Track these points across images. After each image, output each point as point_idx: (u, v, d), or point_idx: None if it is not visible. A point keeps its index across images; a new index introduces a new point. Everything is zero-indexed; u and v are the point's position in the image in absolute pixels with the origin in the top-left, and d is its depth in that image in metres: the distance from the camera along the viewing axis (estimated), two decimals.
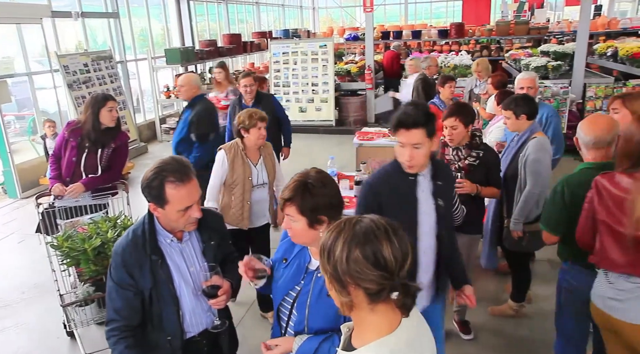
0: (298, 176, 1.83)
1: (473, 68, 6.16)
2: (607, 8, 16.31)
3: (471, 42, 13.14)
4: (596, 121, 2.36)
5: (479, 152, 3.12)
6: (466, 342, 3.48)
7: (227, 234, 2.22)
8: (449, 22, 13.69)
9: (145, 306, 1.95)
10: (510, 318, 3.68)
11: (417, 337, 1.31)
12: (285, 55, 10.28)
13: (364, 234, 1.20)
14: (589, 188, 2.25)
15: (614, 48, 9.73)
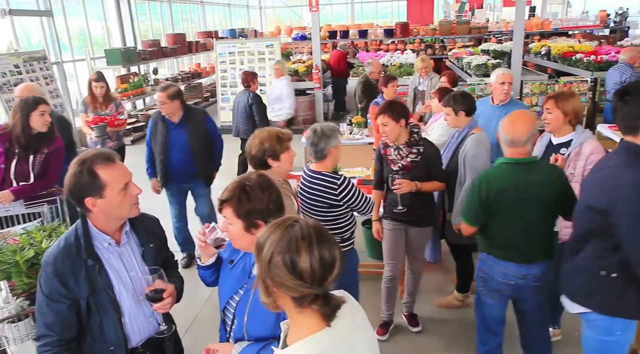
0: (238, 179, 1.81)
1: (416, 66, 6.30)
2: (540, 9, 17.15)
3: (416, 41, 13.45)
4: (515, 123, 2.47)
5: (419, 148, 3.18)
6: (415, 334, 3.56)
7: (165, 239, 2.15)
8: (394, 21, 13.94)
9: (82, 317, 1.85)
10: (456, 309, 3.79)
11: (349, 336, 1.31)
12: (232, 55, 10.13)
13: (287, 242, 1.21)
14: (504, 183, 2.42)
15: (548, 47, 10.25)
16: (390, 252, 3.39)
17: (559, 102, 2.89)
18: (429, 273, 4.29)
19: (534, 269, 2.54)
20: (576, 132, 2.95)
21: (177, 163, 4.23)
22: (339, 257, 1.24)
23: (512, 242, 2.53)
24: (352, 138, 5.71)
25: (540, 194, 2.45)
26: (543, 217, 2.51)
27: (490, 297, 2.67)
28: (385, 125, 3.10)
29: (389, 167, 3.23)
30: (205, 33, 14.31)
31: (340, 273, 1.24)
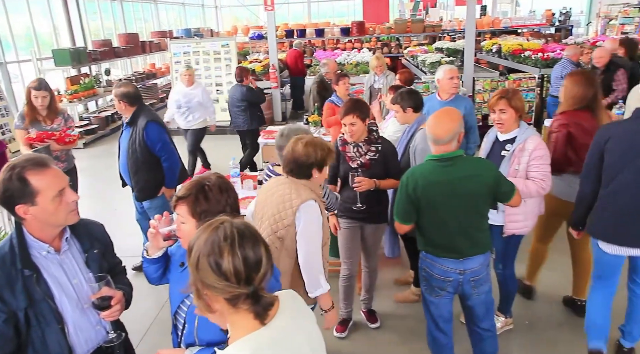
0: (198, 177, 1.79)
1: (371, 64, 6.37)
2: (491, 8, 17.67)
3: (372, 39, 13.59)
4: (439, 122, 2.50)
5: (378, 146, 3.23)
6: (373, 330, 3.59)
7: (110, 244, 2.08)
8: (350, 20, 14.02)
9: (21, 330, 1.77)
10: (414, 304, 3.84)
11: (289, 334, 1.32)
12: (187, 55, 9.94)
13: (211, 244, 1.23)
14: (429, 179, 2.46)
15: (498, 45, 10.58)
16: (347, 250, 3.41)
17: (511, 100, 2.97)
18: (386, 269, 4.35)
19: (471, 263, 2.57)
20: (520, 128, 3.04)
21: (121, 166, 4.12)
22: (265, 256, 1.25)
23: (445, 239, 2.55)
24: None
25: (466, 188, 2.47)
26: (472, 211, 2.54)
27: (434, 295, 2.69)
28: (353, 125, 3.12)
29: (346, 164, 3.24)
30: (160, 33, 13.99)
31: (268, 271, 1.26)
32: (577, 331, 3.40)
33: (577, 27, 14.70)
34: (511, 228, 3.09)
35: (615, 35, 11.86)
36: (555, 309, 3.72)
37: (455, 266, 2.56)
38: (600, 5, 15.38)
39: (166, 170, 4.05)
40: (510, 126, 3.02)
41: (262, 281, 1.25)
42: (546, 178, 2.93)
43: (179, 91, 6.44)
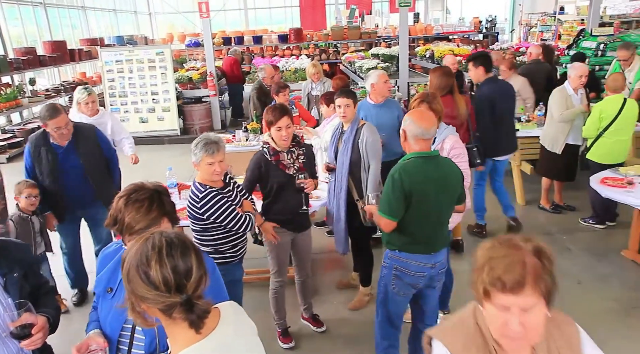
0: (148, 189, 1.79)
1: (308, 71, 6.43)
2: (424, 15, 18.35)
3: (311, 46, 13.71)
4: (425, 117, 2.61)
5: (303, 149, 3.31)
6: (318, 337, 3.60)
7: (35, 263, 1.97)
8: (288, 27, 14.08)
9: None
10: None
11: (231, 345, 1.32)
12: (119, 63, 9.60)
13: (139, 255, 1.23)
14: (425, 175, 2.54)
15: (431, 51, 11.00)
16: (281, 262, 3.40)
17: (431, 103, 3.10)
18: (325, 272, 4.39)
19: (440, 256, 2.71)
20: (439, 129, 3.20)
21: (73, 190, 3.79)
22: (196, 264, 1.26)
23: (426, 233, 2.65)
24: (249, 145, 5.66)
25: (451, 184, 2.63)
26: (450, 206, 2.70)
27: (402, 293, 2.75)
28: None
29: (279, 174, 3.21)
30: (90, 40, 13.41)
31: (201, 278, 1.26)
32: None
33: (502, 34, 15.56)
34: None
35: (535, 41, 12.66)
36: None
37: (428, 260, 2.67)
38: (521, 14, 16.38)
39: (117, 167, 4.09)
40: None
41: (195, 289, 1.24)
42: (465, 175, 3.10)
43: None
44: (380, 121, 4.08)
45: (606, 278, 4.20)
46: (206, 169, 2.75)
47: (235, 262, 3.00)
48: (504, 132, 4.70)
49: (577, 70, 4.98)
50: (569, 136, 5.04)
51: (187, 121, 9.97)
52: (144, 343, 1.73)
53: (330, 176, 3.80)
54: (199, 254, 1.29)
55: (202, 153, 2.71)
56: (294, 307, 3.74)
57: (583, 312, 3.69)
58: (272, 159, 3.19)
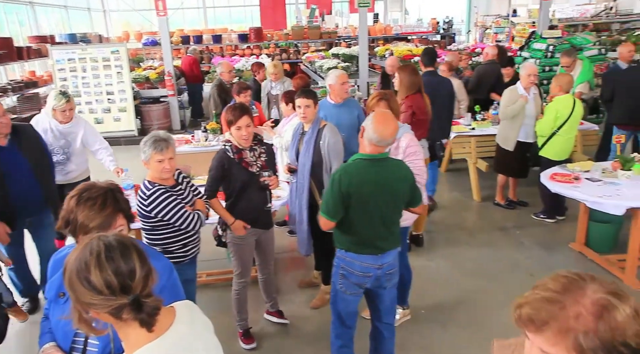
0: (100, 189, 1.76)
1: (267, 71, 6.40)
2: (383, 16, 18.60)
3: (271, 45, 13.65)
4: (387, 124, 2.56)
5: (264, 147, 3.31)
6: (280, 336, 3.60)
7: None
8: (248, 26, 13.96)
9: None
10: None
11: (187, 343, 1.32)
12: (72, 61, 9.28)
13: (79, 262, 1.22)
14: (364, 177, 2.54)
15: (391, 51, 11.14)
16: (246, 263, 3.39)
17: (389, 101, 3.16)
18: (287, 272, 4.40)
19: (387, 257, 2.71)
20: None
21: (22, 194, 3.51)
22: (139, 263, 1.25)
23: (370, 236, 2.65)
24: (208, 145, 5.59)
25: (394, 188, 2.63)
26: (395, 209, 2.71)
27: (349, 292, 2.77)
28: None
29: (242, 172, 3.18)
30: (39, 37, 12.85)
31: (147, 276, 1.26)
32: (471, 313, 3.71)
33: (459, 35, 15.96)
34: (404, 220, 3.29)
35: (490, 42, 13.05)
36: (448, 295, 4.01)
37: (374, 261, 2.68)
38: (477, 15, 16.86)
39: (53, 168, 3.90)
40: None
41: (143, 288, 1.24)
42: (421, 172, 3.18)
43: (47, 129, 4.22)
44: (340, 121, 4.10)
45: (555, 269, 4.34)
46: (155, 166, 2.74)
47: (186, 262, 2.98)
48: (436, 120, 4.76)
49: (526, 69, 5.19)
50: (520, 134, 5.24)
51: (145, 122, 9.75)
52: (98, 348, 1.69)
53: (292, 177, 3.80)
54: (142, 253, 1.28)
55: (151, 151, 2.70)
56: (256, 308, 3.73)
57: None
58: (235, 157, 3.17)
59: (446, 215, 5.61)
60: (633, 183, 4.10)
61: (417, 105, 4.34)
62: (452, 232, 5.16)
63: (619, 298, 0.95)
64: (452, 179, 6.75)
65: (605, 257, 4.37)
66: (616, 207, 3.79)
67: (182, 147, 5.59)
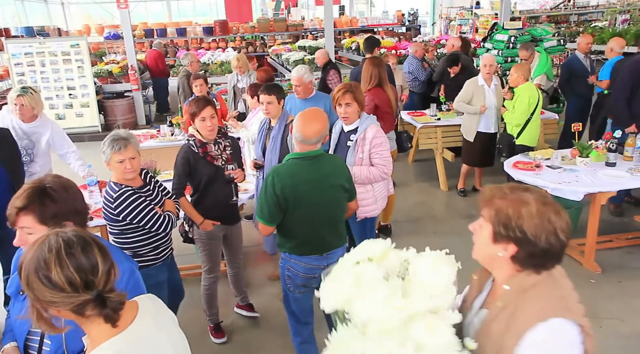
0: (31, 183, 1.66)
1: (232, 64, 6.34)
2: (349, 8, 18.62)
3: (237, 39, 13.49)
4: (309, 123, 2.49)
5: (229, 140, 3.27)
6: (250, 330, 3.59)
7: None
8: (213, 19, 13.74)
9: None
10: None
11: (150, 337, 1.32)
12: (29, 56, 8.93)
13: (37, 260, 1.19)
14: (298, 177, 2.47)
15: (357, 43, 11.19)
16: (214, 258, 3.35)
17: (355, 93, 3.18)
18: (258, 265, 4.39)
19: (334, 257, 2.62)
20: (361, 119, 3.29)
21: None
22: (101, 257, 1.23)
23: (312, 235, 2.58)
24: (174, 139, 5.50)
25: (331, 184, 2.56)
26: (336, 206, 2.64)
27: (298, 292, 2.72)
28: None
29: (207, 167, 3.14)
30: None
31: (109, 271, 1.24)
32: None
33: (424, 27, 16.15)
34: (363, 212, 3.32)
35: (455, 34, 13.26)
36: None
37: (319, 262, 2.60)
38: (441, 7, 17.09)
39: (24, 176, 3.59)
40: (354, 118, 3.25)
41: (105, 283, 1.22)
42: (387, 162, 3.21)
43: (9, 127, 3.85)
44: None
45: None
46: (117, 167, 2.62)
47: (158, 264, 2.87)
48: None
49: (482, 60, 5.37)
50: (481, 125, 5.37)
51: (109, 117, 9.49)
52: (50, 348, 1.66)
53: (259, 174, 3.77)
54: (103, 247, 1.26)
55: (110, 151, 2.58)
56: (226, 302, 3.71)
57: None
58: (199, 152, 3.12)
59: (414, 205, 5.70)
60: (591, 170, 4.25)
61: (379, 98, 4.35)
62: (420, 222, 5.25)
63: (505, 200, 1.37)
64: (419, 169, 6.85)
65: None
66: (574, 193, 3.93)
67: (147, 142, 5.49)
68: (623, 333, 3.40)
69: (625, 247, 4.50)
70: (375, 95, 4.33)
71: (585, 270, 4.15)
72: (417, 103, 7.25)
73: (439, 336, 1.26)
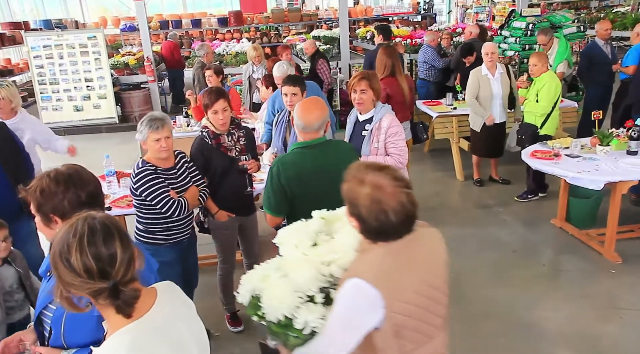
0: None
1: (249, 55, 6.34)
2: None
3: (251, 29, 13.48)
4: (309, 110, 2.47)
5: (243, 131, 3.29)
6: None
7: None
8: (228, 10, 13.74)
9: None
10: None
11: (169, 325, 1.34)
12: (48, 48, 9.03)
13: (62, 242, 1.23)
14: (302, 166, 2.45)
15: (372, 32, 11.09)
16: (224, 248, 3.39)
17: (371, 81, 3.15)
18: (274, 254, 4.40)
19: None
20: (376, 108, 3.26)
21: None
22: (120, 249, 1.25)
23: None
24: (190, 130, 5.54)
25: (336, 171, 2.45)
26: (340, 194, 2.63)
27: None
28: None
29: (222, 158, 3.16)
30: (12, 24, 12.54)
31: (129, 261, 1.26)
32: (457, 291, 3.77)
33: (440, 15, 15.94)
34: None
35: (471, 22, 13.06)
36: None
37: None
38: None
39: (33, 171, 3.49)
40: (369, 106, 3.23)
41: (123, 274, 1.24)
42: (403, 152, 3.19)
43: None
44: None
45: (537, 245, 4.49)
46: (152, 145, 2.79)
47: (167, 245, 2.99)
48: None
49: (484, 48, 5.28)
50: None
51: (126, 108, 9.59)
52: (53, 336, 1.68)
53: None
54: (125, 237, 1.28)
55: (147, 130, 2.74)
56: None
57: (519, 278, 3.94)
58: (212, 143, 3.14)
59: (430, 195, 5.66)
60: (611, 158, 4.17)
61: (392, 88, 4.35)
62: (436, 212, 5.21)
63: (350, 181, 1.57)
64: (435, 159, 6.79)
65: (585, 232, 4.47)
66: (594, 182, 3.86)
67: None
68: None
69: None
70: (388, 84, 4.32)
71: (605, 260, 4.09)
72: (433, 92, 7.17)
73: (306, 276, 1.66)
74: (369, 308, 1.47)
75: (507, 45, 7.72)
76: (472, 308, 3.57)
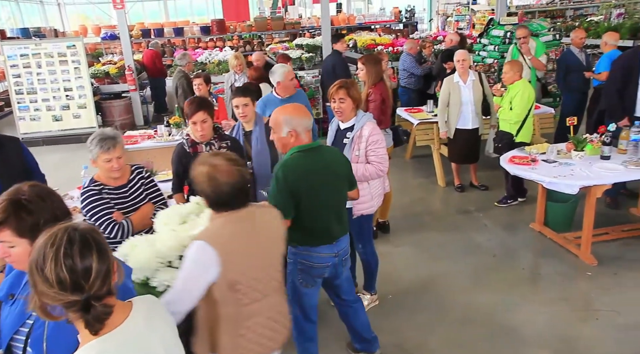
0: (6, 194, 1.61)
1: (230, 63, 6.35)
2: (346, 5, 18.63)
3: (234, 38, 13.48)
4: (295, 109, 2.58)
5: (228, 142, 3.26)
6: None
7: None
8: (210, 18, 13.73)
9: None
10: None
11: (141, 337, 1.34)
12: (25, 57, 8.91)
13: (39, 251, 1.23)
14: (306, 168, 2.53)
15: (354, 40, 11.19)
16: None
17: (349, 90, 3.18)
18: None
19: (341, 244, 2.74)
20: (357, 116, 3.29)
21: None
22: (97, 262, 1.24)
23: (323, 224, 2.64)
24: (171, 140, 5.51)
25: (335, 172, 2.65)
26: (341, 194, 2.73)
27: (310, 285, 2.75)
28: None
29: None
30: None
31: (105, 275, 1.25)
32: (437, 297, 3.81)
33: (421, 24, 16.15)
34: (359, 209, 3.33)
35: (452, 30, 13.26)
36: (415, 280, 4.10)
37: (330, 250, 2.68)
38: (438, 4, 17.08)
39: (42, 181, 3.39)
40: (349, 115, 3.26)
41: (98, 288, 1.23)
42: (383, 160, 3.22)
43: None
44: None
45: (517, 249, 4.56)
46: (103, 165, 2.67)
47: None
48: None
49: (456, 55, 5.40)
50: (458, 122, 5.42)
51: (107, 118, 9.51)
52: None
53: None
54: (103, 251, 1.27)
55: (98, 150, 2.62)
56: None
57: (499, 282, 3.99)
58: (190, 151, 3.15)
59: (412, 201, 5.72)
60: (585, 163, 4.26)
61: (385, 93, 4.45)
62: (418, 218, 5.26)
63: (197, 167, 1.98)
64: (417, 166, 6.86)
65: (562, 235, 4.55)
66: (569, 186, 3.94)
67: (145, 143, 5.51)
68: (619, 324, 3.42)
69: (621, 240, 4.52)
70: (381, 90, 4.40)
71: (581, 263, 4.17)
72: (414, 100, 7.26)
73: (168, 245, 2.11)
74: (208, 263, 1.85)
75: (486, 53, 7.87)
76: (453, 313, 3.61)
